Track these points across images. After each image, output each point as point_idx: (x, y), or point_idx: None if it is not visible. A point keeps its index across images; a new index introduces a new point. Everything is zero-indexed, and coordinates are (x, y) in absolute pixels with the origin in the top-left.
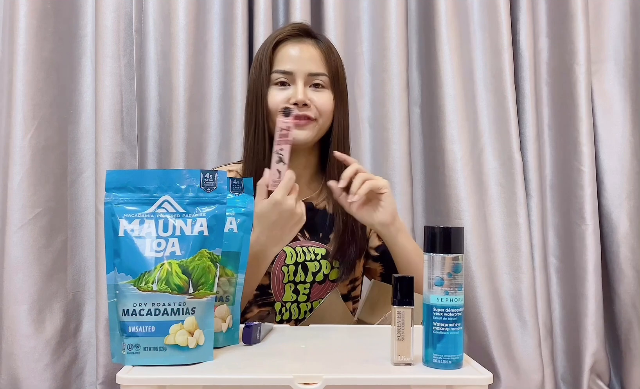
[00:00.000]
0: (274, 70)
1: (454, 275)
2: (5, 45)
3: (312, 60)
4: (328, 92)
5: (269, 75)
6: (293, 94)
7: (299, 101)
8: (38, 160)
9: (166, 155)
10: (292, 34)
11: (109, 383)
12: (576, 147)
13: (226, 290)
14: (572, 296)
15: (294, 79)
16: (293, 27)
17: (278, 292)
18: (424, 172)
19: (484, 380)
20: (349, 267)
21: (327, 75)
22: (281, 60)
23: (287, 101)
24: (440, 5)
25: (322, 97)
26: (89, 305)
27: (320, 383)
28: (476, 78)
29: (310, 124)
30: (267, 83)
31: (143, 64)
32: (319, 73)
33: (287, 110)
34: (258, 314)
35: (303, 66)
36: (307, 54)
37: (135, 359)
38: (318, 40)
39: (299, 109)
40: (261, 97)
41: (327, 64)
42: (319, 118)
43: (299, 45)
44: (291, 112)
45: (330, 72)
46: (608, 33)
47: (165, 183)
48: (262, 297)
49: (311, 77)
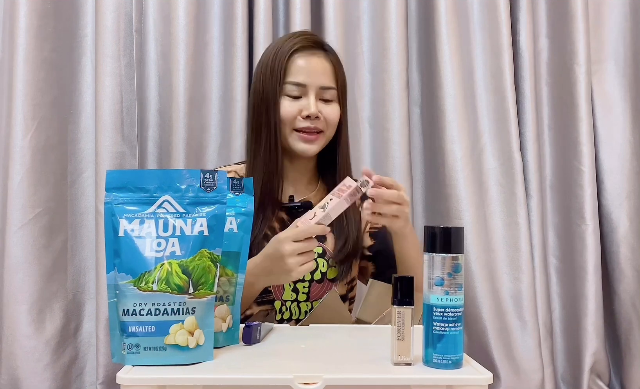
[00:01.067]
0: (287, 81)
1: (454, 275)
2: (5, 45)
3: (324, 73)
4: (336, 104)
5: (282, 85)
6: (306, 107)
7: (312, 114)
8: (38, 160)
9: (166, 155)
10: (305, 45)
11: (109, 383)
12: (576, 147)
13: (226, 290)
14: (572, 296)
15: (307, 92)
16: (306, 38)
17: (277, 290)
18: (424, 172)
19: (484, 380)
20: (348, 266)
21: (336, 89)
22: (295, 72)
23: (300, 113)
24: (440, 5)
25: (332, 110)
26: (89, 305)
27: (320, 383)
28: (476, 78)
29: (319, 138)
30: (280, 93)
31: (143, 64)
32: (330, 87)
33: (366, 182)
34: (259, 313)
35: (316, 79)
36: (320, 67)
37: (135, 359)
38: (328, 52)
39: (311, 122)
40: (273, 106)
41: (337, 77)
42: (326, 130)
43: (312, 57)
44: (365, 185)
45: (339, 85)
46: (608, 33)
47: (165, 183)
48: (261, 295)
49: (322, 90)
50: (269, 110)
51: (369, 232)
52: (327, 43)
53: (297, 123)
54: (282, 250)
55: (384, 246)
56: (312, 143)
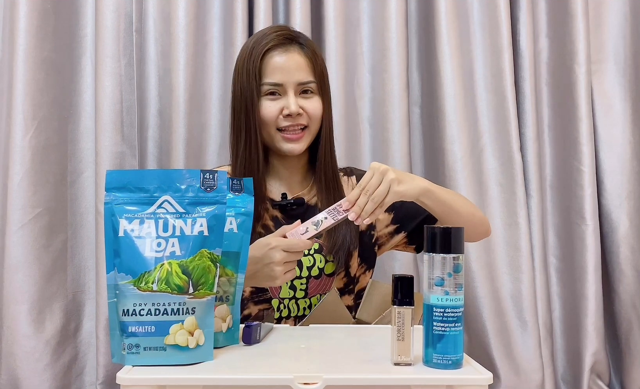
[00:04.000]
0: (264, 83)
1: (454, 275)
2: (5, 45)
3: (300, 69)
4: (317, 97)
5: (259, 86)
6: (286, 105)
7: (293, 112)
8: (38, 160)
9: (166, 155)
10: (278, 42)
11: (109, 383)
12: (576, 147)
13: (226, 290)
14: (572, 296)
15: (285, 90)
16: (278, 35)
17: (274, 289)
18: (424, 172)
19: (484, 380)
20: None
21: (315, 82)
22: (270, 72)
23: (281, 112)
24: (440, 5)
25: (313, 104)
26: (89, 305)
27: (320, 383)
28: (476, 78)
29: (304, 135)
30: (258, 94)
31: (143, 64)
32: (308, 81)
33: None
34: (258, 315)
35: (292, 76)
36: (295, 64)
37: (135, 359)
38: (303, 45)
39: (293, 119)
40: (252, 108)
41: (314, 70)
42: (310, 124)
43: (286, 54)
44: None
45: (317, 77)
46: (608, 33)
47: (165, 183)
48: (258, 294)
49: (301, 85)
50: (248, 112)
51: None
52: (302, 34)
53: (279, 123)
54: (272, 257)
55: (404, 211)
56: (297, 142)
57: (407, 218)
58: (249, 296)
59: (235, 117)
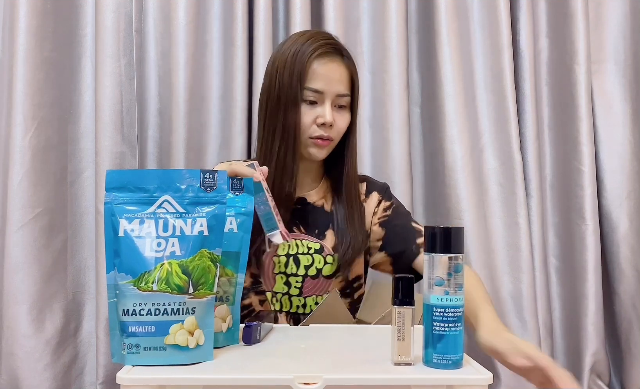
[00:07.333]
0: (306, 87)
1: (454, 275)
2: (5, 45)
3: (341, 81)
4: (347, 112)
5: (302, 89)
6: (321, 114)
7: (327, 122)
8: (38, 160)
9: (166, 155)
10: (326, 50)
11: (109, 383)
12: (576, 147)
13: (226, 290)
14: (572, 296)
15: (323, 99)
16: (327, 42)
17: (268, 282)
18: (424, 172)
19: (484, 380)
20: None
21: (349, 96)
22: (314, 78)
23: (315, 120)
24: (440, 5)
25: (343, 119)
26: (89, 305)
27: (320, 383)
28: (476, 78)
29: (330, 145)
30: (301, 98)
31: (143, 64)
32: (345, 94)
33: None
34: (259, 313)
35: (333, 87)
36: (337, 75)
37: (135, 359)
38: (346, 58)
39: (325, 130)
40: (293, 110)
41: (353, 84)
42: (335, 138)
43: (332, 64)
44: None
45: (353, 92)
46: (608, 33)
47: (165, 183)
48: (255, 285)
49: (338, 97)
50: (287, 113)
51: (379, 223)
52: (345, 48)
53: (312, 132)
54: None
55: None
56: (322, 148)
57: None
58: (250, 286)
59: (269, 115)
